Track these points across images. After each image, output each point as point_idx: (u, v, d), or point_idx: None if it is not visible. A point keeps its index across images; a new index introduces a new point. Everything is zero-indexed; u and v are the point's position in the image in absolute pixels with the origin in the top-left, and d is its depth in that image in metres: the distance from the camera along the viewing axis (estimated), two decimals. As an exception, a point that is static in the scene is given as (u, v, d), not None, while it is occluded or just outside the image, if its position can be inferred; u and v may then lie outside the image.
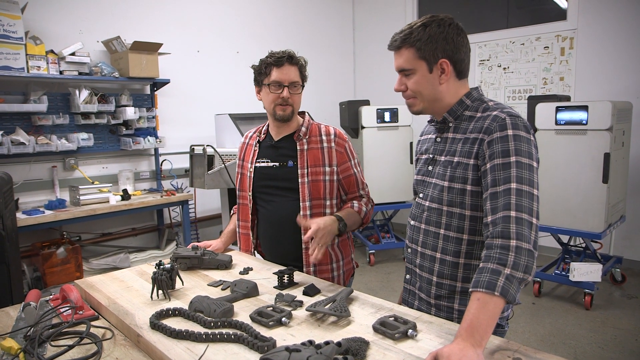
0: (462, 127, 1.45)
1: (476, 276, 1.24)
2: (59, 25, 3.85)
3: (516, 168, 1.29)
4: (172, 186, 4.40)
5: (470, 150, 1.39)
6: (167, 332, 1.28)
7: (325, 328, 1.32)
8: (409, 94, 1.48)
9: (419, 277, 1.57)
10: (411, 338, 1.24)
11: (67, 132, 3.84)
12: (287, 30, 5.78)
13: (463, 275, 1.45)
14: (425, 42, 1.39)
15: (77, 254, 3.65)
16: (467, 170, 1.39)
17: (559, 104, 3.83)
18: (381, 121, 5.01)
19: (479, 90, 1.50)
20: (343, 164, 1.99)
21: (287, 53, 1.91)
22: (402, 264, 4.99)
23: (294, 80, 1.92)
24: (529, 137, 1.34)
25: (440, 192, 1.46)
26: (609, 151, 3.57)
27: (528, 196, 1.27)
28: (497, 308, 1.17)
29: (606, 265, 4.00)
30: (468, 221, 1.42)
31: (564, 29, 4.83)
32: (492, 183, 1.32)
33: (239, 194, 2.13)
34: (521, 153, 1.30)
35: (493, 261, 1.23)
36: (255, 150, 2.08)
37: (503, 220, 1.26)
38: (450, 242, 1.45)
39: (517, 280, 1.20)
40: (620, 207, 4.04)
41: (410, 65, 1.43)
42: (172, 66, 4.52)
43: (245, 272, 1.82)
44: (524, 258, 1.22)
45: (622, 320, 3.56)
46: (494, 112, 1.38)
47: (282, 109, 1.93)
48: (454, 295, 1.48)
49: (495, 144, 1.33)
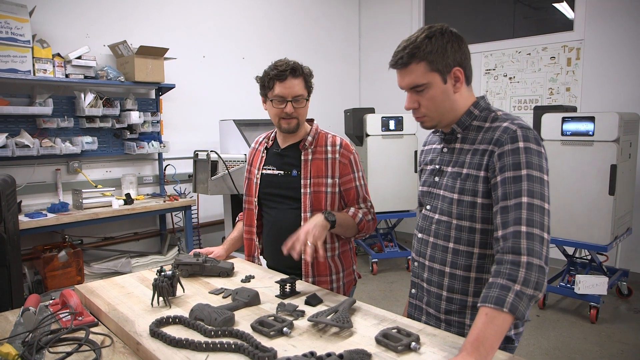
0: (471, 137, 1.42)
1: (485, 291, 1.21)
2: (66, 29, 3.87)
3: (527, 181, 1.26)
4: (175, 191, 4.39)
5: (480, 162, 1.36)
6: (167, 341, 1.26)
7: (327, 339, 1.30)
8: (422, 111, 1.43)
9: (426, 292, 1.53)
10: (414, 351, 1.21)
11: (72, 136, 3.85)
12: (293, 36, 5.79)
13: (474, 289, 1.42)
14: (436, 54, 1.36)
15: (78, 258, 3.64)
16: (477, 183, 1.36)
17: (565, 114, 3.80)
18: (386, 129, 4.99)
19: (485, 99, 1.47)
20: (345, 176, 1.95)
21: (290, 65, 1.86)
22: (406, 274, 4.97)
23: (298, 94, 1.88)
24: (540, 150, 1.31)
25: (450, 205, 1.42)
26: (615, 163, 3.54)
27: (539, 210, 1.25)
28: (505, 324, 1.15)
29: (612, 278, 3.96)
30: (479, 234, 1.39)
31: (570, 40, 4.82)
32: (502, 197, 1.29)
33: (245, 198, 2.12)
34: (532, 166, 1.28)
35: (503, 277, 1.21)
36: (262, 157, 2.07)
37: (514, 235, 1.23)
38: (461, 256, 1.42)
39: (527, 297, 1.18)
40: (627, 219, 4.01)
41: (424, 80, 1.38)
42: (177, 71, 4.53)
43: (247, 280, 1.80)
44: (534, 274, 1.19)
45: (629, 335, 3.51)
46: (504, 123, 1.36)
47: (286, 122, 1.91)
48: (465, 310, 1.44)
49: (506, 157, 1.30)
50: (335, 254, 1.98)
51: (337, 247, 1.99)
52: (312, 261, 1.90)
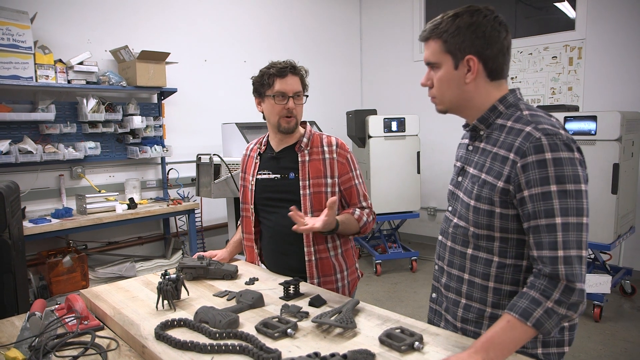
0: (493, 137, 1.30)
1: (515, 299, 1.17)
2: (67, 34, 3.89)
3: (559, 199, 1.15)
4: (178, 195, 4.40)
5: (500, 171, 1.24)
6: (172, 343, 1.27)
7: (331, 340, 1.30)
8: (433, 92, 1.36)
9: (445, 298, 1.45)
10: (418, 351, 1.22)
11: (75, 141, 3.86)
12: (294, 39, 5.80)
13: (493, 300, 1.32)
14: (452, 35, 1.26)
15: (83, 263, 3.65)
16: (493, 192, 1.25)
17: (568, 114, 3.81)
18: (388, 130, 5.00)
19: (516, 93, 1.33)
20: (344, 175, 1.96)
21: (289, 63, 1.90)
22: (409, 275, 4.97)
23: (298, 90, 1.91)
24: (572, 156, 1.17)
25: (467, 211, 1.33)
26: (618, 162, 3.53)
27: (576, 228, 1.15)
28: (524, 335, 1.12)
29: (615, 277, 3.95)
30: (498, 242, 1.29)
31: (572, 39, 4.82)
32: (533, 215, 1.18)
33: (241, 206, 2.12)
34: (564, 179, 1.15)
35: (537, 290, 1.15)
36: (256, 163, 2.06)
37: (550, 261, 1.15)
38: (479, 264, 1.33)
39: (558, 316, 1.13)
40: (630, 218, 4.00)
41: (435, 59, 1.31)
42: (179, 75, 4.55)
43: (251, 283, 1.81)
44: (573, 298, 1.13)
45: (632, 333, 3.50)
46: (527, 127, 1.21)
47: (287, 121, 1.92)
48: (482, 320, 1.35)
49: (532, 170, 1.17)
50: (339, 253, 1.99)
51: (339, 245, 1.99)
52: (316, 262, 1.92)
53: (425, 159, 5.31)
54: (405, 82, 6.13)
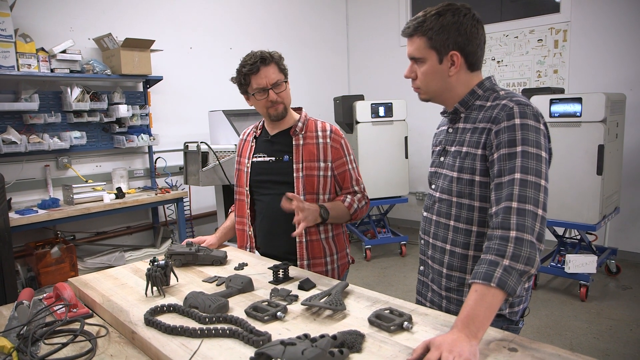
0: (472, 116, 1.42)
1: (475, 267, 1.22)
2: (48, 22, 3.82)
3: (522, 158, 1.26)
4: (166, 184, 4.38)
5: (478, 140, 1.36)
6: (162, 329, 1.27)
7: (320, 322, 1.31)
8: (417, 83, 1.46)
9: (431, 269, 1.55)
10: (407, 330, 1.23)
11: (60, 131, 3.82)
12: (280, 25, 5.76)
13: (472, 268, 1.39)
14: (437, 32, 1.36)
15: (71, 254, 3.63)
16: (475, 161, 1.37)
17: (553, 96, 3.83)
18: (376, 116, 5.00)
19: (491, 79, 1.47)
20: (338, 159, 1.99)
21: (258, 57, 1.88)
22: (399, 259, 5.01)
23: (275, 80, 1.90)
24: (538, 126, 1.30)
25: (450, 183, 1.44)
26: (603, 143, 3.57)
27: (534, 187, 1.24)
28: (495, 300, 1.15)
29: (601, 257, 4.01)
30: (477, 212, 1.39)
31: (557, 22, 4.83)
32: (497, 174, 1.29)
33: (236, 189, 2.14)
34: (528, 142, 1.27)
35: (492, 252, 1.21)
36: (252, 146, 2.09)
37: (504, 211, 1.23)
38: (460, 234, 1.43)
39: (517, 272, 1.17)
40: (615, 198, 4.06)
41: (420, 54, 1.41)
42: (164, 63, 4.50)
43: (240, 268, 1.81)
44: (525, 249, 1.18)
45: (617, 311, 3.57)
46: (503, 100, 1.35)
47: (274, 109, 1.94)
48: (463, 287, 1.46)
49: (502, 134, 1.30)
50: (329, 236, 2.01)
51: (331, 229, 2.01)
52: (307, 244, 1.93)
53: (413, 143, 5.32)
54: (392, 68, 6.11)
